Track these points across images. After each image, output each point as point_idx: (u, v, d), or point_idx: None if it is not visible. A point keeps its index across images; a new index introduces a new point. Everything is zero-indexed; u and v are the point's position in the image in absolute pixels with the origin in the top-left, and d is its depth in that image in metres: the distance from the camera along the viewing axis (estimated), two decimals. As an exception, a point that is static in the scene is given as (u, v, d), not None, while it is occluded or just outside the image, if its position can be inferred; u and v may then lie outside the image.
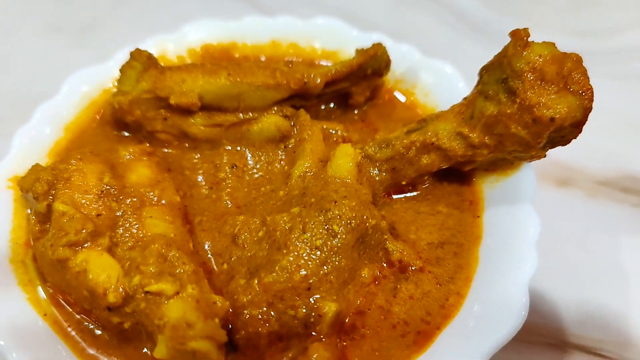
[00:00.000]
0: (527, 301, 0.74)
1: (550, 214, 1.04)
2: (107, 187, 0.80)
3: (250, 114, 0.96)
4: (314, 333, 0.75)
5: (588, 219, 1.18)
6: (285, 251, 0.77)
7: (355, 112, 1.06)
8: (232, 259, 0.82)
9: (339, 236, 0.78)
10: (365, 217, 0.80)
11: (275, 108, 0.97)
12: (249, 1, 1.67)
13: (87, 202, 0.78)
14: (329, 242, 0.78)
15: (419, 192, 0.94)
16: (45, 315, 0.77)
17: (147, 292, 0.70)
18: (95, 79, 1.05)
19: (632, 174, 1.25)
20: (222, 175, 0.93)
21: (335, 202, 0.80)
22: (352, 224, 0.79)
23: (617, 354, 0.97)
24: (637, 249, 1.11)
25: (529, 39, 0.79)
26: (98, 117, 1.03)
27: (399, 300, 0.81)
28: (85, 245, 0.74)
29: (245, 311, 0.75)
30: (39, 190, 0.78)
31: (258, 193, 0.91)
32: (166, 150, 0.97)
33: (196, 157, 0.96)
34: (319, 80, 0.97)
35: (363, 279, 0.81)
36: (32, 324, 0.74)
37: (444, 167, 0.90)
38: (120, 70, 0.96)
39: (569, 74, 0.77)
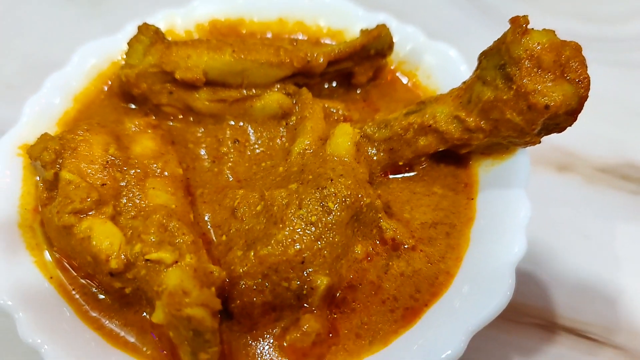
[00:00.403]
0: (513, 282, 0.76)
1: (549, 198, 1.06)
2: (112, 158, 0.83)
3: (254, 91, 0.98)
4: (306, 305, 0.78)
5: (586, 204, 1.20)
6: (281, 225, 0.79)
7: (357, 91, 1.08)
8: (231, 231, 0.85)
9: (333, 213, 0.80)
10: (360, 195, 0.83)
11: (278, 86, 0.99)
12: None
13: (93, 172, 0.81)
14: (324, 219, 0.80)
15: (415, 173, 0.96)
16: (51, 278, 0.80)
17: (147, 260, 0.73)
18: (104, 51, 1.07)
19: (631, 162, 1.26)
20: (225, 150, 0.96)
21: (332, 179, 0.82)
22: (347, 202, 0.81)
23: (605, 338, 1.00)
24: (631, 236, 1.14)
25: (529, 26, 0.79)
26: (106, 89, 1.05)
27: (390, 277, 0.84)
28: (90, 213, 0.77)
29: (241, 281, 0.78)
30: (46, 158, 0.81)
31: (258, 168, 0.94)
32: (171, 123, 1.00)
33: (200, 131, 0.99)
34: (322, 60, 0.98)
35: (356, 255, 0.84)
36: (38, 286, 0.78)
37: (440, 149, 0.91)
38: (128, 44, 0.98)
39: (567, 62, 0.78)
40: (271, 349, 0.76)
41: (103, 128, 0.87)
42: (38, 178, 0.89)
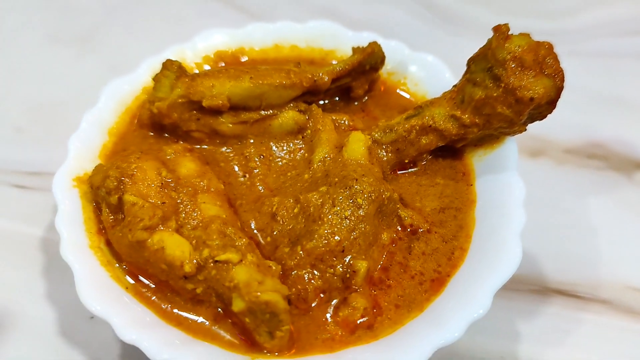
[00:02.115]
0: (520, 247, 0.92)
1: (526, 181, 1.23)
2: (166, 180, 0.95)
3: (270, 111, 1.11)
4: (350, 286, 0.92)
5: (559, 183, 1.37)
6: (320, 222, 0.93)
7: (356, 103, 1.23)
8: (274, 233, 0.98)
9: (362, 207, 0.95)
10: (381, 190, 0.97)
11: (291, 104, 1.12)
12: (231, 4, 1.79)
13: (152, 193, 0.92)
14: (356, 213, 0.94)
15: (418, 168, 1.12)
16: (127, 288, 0.91)
17: (216, 262, 0.86)
18: (126, 88, 1.18)
19: (595, 142, 1.44)
20: (253, 165, 1.09)
21: (356, 179, 0.97)
22: (372, 197, 0.96)
23: (591, 294, 1.16)
24: (602, 206, 1.31)
25: (509, 32, 0.97)
26: (135, 121, 1.16)
27: (414, 257, 0.99)
28: (158, 228, 0.89)
29: (293, 272, 0.91)
30: (110, 186, 0.92)
31: (285, 177, 1.07)
32: (198, 146, 1.12)
33: (227, 150, 1.11)
34: (326, 78, 1.13)
35: (383, 241, 0.98)
36: (119, 296, 0.89)
37: (440, 145, 1.08)
38: (154, 79, 1.10)
39: (543, 60, 0.96)
40: (327, 325, 0.90)
41: (149, 155, 0.99)
42: (94, 204, 1.00)
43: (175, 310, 0.91)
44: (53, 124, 1.45)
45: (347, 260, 0.92)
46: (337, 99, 1.22)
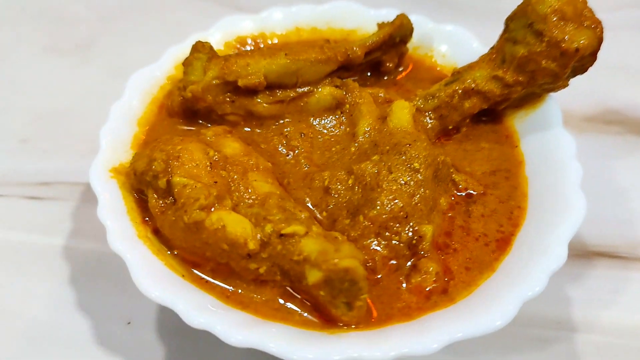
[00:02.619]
0: (584, 197, 0.90)
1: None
2: (214, 159, 0.90)
3: (307, 88, 1.08)
4: (418, 253, 0.88)
5: (583, 151, 1.35)
6: (379, 190, 0.90)
7: (386, 78, 1.21)
8: (330, 207, 0.94)
9: (420, 171, 0.92)
10: (436, 154, 0.95)
11: (327, 81, 1.09)
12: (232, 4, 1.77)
13: (202, 173, 0.88)
14: (414, 177, 0.91)
15: (462, 134, 1.09)
16: (183, 276, 0.86)
17: (281, 236, 0.81)
18: (150, 77, 1.13)
19: (611, 109, 1.45)
20: (295, 143, 1.05)
21: (409, 144, 0.94)
22: (428, 160, 0.93)
23: (632, 254, 1.16)
24: (628, 168, 1.32)
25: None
26: (164, 111, 1.11)
27: (474, 219, 0.96)
28: (215, 207, 0.84)
29: (357, 244, 0.87)
30: (158, 169, 0.87)
31: (331, 153, 1.04)
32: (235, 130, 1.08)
33: (265, 132, 1.07)
34: (359, 52, 1.11)
35: (442, 207, 0.95)
36: (178, 284, 0.83)
37: (484, 107, 1.06)
38: (185, 63, 1.06)
39: (581, 12, 0.95)
40: (401, 294, 0.86)
41: (191, 137, 0.94)
42: (136, 193, 0.95)
43: (240, 292, 0.86)
44: (58, 134, 1.40)
45: (412, 225, 0.89)
46: (368, 74, 1.20)
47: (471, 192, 0.99)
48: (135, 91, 1.10)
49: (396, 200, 0.89)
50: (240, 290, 0.86)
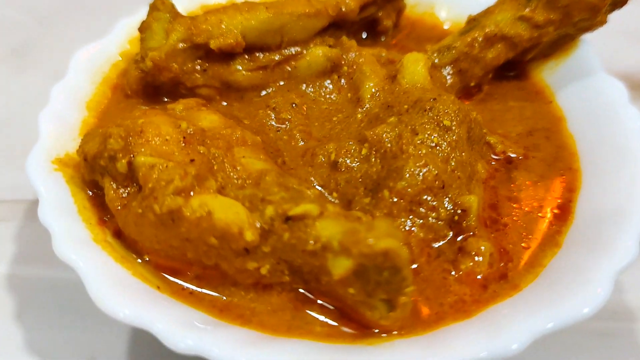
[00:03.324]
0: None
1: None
2: (189, 132, 0.69)
3: (294, 50, 0.88)
4: (465, 231, 0.69)
5: None
6: (405, 156, 0.70)
7: (383, 39, 1.03)
8: (340, 185, 0.74)
9: (452, 129, 0.73)
10: (467, 109, 0.76)
11: (317, 40, 0.90)
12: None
13: (173, 150, 0.67)
14: (446, 138, 0.73)
15: (485, 94, 0.92)
16: (159, 287, 0.64)
17: (288, 219, 0.60)
18: (99, 54, 0.92)
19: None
20: (286, 116, 0.84)
21: (434, 99, 0.75)
22: (460, 117, 0.74)
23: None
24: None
25: None
26: (119, 92, 0.90)
27: (520, 187, 0.78)
28: (194, 191, 0.63)
29: (386, 226, 0.66)
30: (116, 147, 0.66)
31: (332, 123, 0.84)
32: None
33: (247, 107, 0.87)
34: (353, 5, 0.92)
35: (481, 175, 0.76)
36: (154, 299, 0.61)
37: (509, 57, 0.88)
38: (142, 28, 0.85)
39: None
40: (449, 286, 0.65)
41: (156, 110, 0.73)
42: (90, 186, 0.72)
43: (236, 303, 0.64)
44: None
45: (451, 198, 0.69)
46: (363, 36, 1.01)
47: (511, 155, 0.80)
48: (81, 70, 0.89)
49: (428, 167, 0.69)
50: (237, 300, 0.65)
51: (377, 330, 0.61)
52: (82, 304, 0.64)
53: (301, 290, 0.64)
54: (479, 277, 0.66)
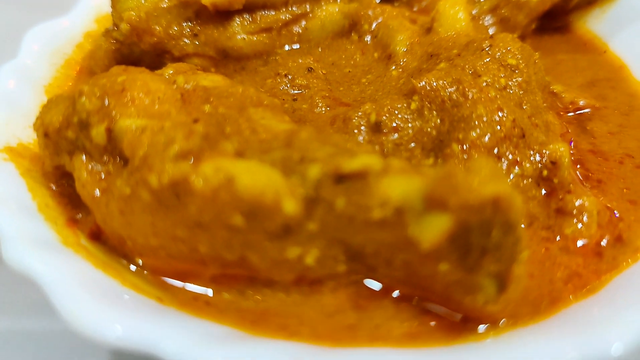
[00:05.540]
0: None
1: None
2: (187, 88, 0.52)
3: (304, 8, 0.73)
4: (559, 187, 0.53)
5: None
6: (469, 102, 0.55)
7: (396, 4, 0.88)
8: (388, 148, 0.57)
9: (520, 68, 0.59)
10: (530, 48, 0.62)
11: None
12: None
13: (169, 110, 0.49)
14: (514, 78, 0.58)
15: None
16: (160, 299, 0.45)
17: (342, 179, 0.43)
18: (60, 34, 0.76)
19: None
20: (302, 82, 0.68)
21: (491, 37, 0.60)
22: (525, 54, 0.60)
23: None
24: None
25: None
26: (84, 75, 0.72)
27: (602, 139, 0.64)
28: (205, 155, 0.45)
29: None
30: (89, 107, 0.48)
31: (361, 86, 0.68)
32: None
33: (251, 77, 0.71)
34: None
35: (555, 128, 0.61)
36: (158, 313, 0.43)
37: (555, 1, 0.76)
38: (113, -14, 0.68)
39: None
40: (555, 257, 0.49)
41: (140, 68, 0.55)
42: (53, 185, 0.54)
43: (274, 309, 0.45)
44: None
45: (535, 149, 0.53)
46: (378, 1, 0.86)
47: (581, 105, 0.66)
48: (36, 50, 0.71)
49: (503, 111, 0.53)
50: (275, 306, 0.46)
51: (483, 323, 0.43)
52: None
53: (365, 282, 0.46)
54: (595, 239, 0.50)
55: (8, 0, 1.19)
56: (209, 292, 0.47)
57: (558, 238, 0.51)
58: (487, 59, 0.58)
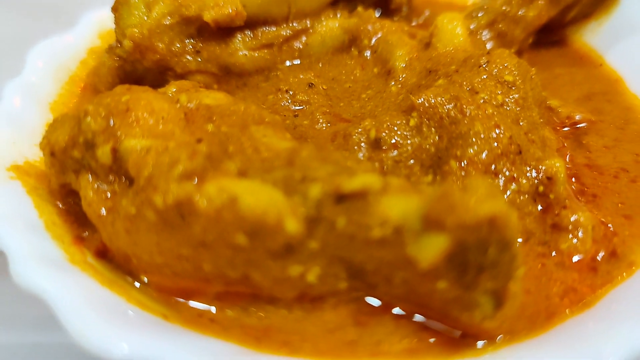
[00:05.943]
0: None
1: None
2: (190, 107, 0.53)
3: (304, 23, 0.74)
4: (554, 203, 0.54)
5: None
6: (467, 119, 0.56)
7: (395, 19, 0.89)
8: (388, 165, 0.58)
9: (517, 84, 0.60)
10: (526, 64, 0.63)
11: (329, 13, 0.77)
12: None
13: (173, 130, 0.50)
14: (511, 95, 0.59)
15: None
16: (165, 316, 0.46)
17: (342, 199, 0.44)
18: (63, 49, 0.77)
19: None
20: (303, 97, 0.69)
21: (488, 53, 0.62)
22: (522, 70, 0.61)
23: None
24: None
25: None
26: (89, 91, 0.73)
27: (598, 153, 0.65)
28: (208, 175, 0.46)
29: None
30: (94, 127, 0.49)
31: (361, 101, 0.70)
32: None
33: (253, 93, 0.72)
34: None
35: (551, 143, 0.62)
36: (159, 331, 0.43)
37: (552, 15, 0.77)
38: (115, 6, 0.70)
39: None
40: (550, 273, 0.50)
41: (144, 87, 0.56)
42: (60, 204, 0.55)
43: (276, 326, 0.47)
44: None
45: (531, 165, 0.55)
46: (377, 15, 0.88)
47: (577, 120, 0.67)
48: (40, 66, 0.72)
49: (500, 128, 0.55)
50: (277, 323, 0.47)
51: (480, 339, 0.44)
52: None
53: (366, 299, 0.47)
54: (590, 254, 0.51)
55: (11, 10, 1.21)
56: (213, 309, 0.48)
57: (554, 253, 0.52)
58: (485, 76, 0.60)
